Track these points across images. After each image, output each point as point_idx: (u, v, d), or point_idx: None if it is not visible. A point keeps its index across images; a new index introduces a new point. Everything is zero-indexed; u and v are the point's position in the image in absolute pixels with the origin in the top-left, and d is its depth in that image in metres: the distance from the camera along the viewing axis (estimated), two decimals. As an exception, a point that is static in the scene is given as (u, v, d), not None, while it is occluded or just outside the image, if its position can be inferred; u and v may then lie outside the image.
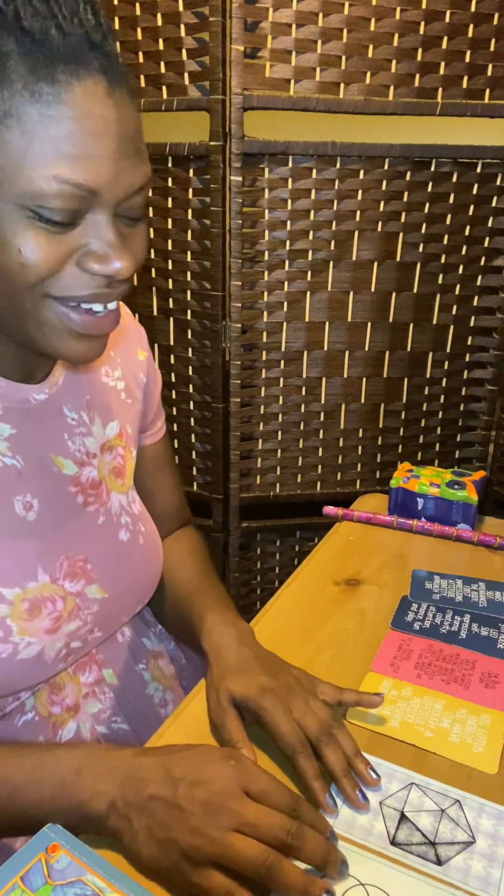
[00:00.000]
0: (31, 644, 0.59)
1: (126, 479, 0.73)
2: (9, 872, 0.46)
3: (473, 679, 0.71)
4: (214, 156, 1.21)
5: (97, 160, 0.48)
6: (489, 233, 1.34)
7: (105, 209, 0.50)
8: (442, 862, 0.52)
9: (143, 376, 0.77)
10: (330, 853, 0.49)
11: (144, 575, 0.72)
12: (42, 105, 0.46)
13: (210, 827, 0.47)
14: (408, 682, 0.70)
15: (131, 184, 0.51)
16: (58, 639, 0.61)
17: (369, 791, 0.57)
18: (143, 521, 0.74)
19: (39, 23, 0.45)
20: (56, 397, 0.66)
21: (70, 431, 0.67)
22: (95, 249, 0.51)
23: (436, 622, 0.80)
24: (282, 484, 1.47)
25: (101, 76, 0.47)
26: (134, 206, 0.53)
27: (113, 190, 0.50)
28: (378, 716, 0.65)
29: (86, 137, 0.47)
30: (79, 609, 0.63)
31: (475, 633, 0.78)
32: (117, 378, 0.74)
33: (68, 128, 0.46)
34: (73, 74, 0.46)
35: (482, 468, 1.51)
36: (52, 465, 0.64)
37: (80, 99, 0.46)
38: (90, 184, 0.48)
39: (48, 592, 0.61)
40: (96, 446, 0.69)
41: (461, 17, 1.18)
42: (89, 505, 0.67)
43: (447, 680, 0.71)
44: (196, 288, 1.33)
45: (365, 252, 1.32)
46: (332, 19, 1.16)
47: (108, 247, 0.51)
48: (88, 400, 0.69)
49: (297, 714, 0.58)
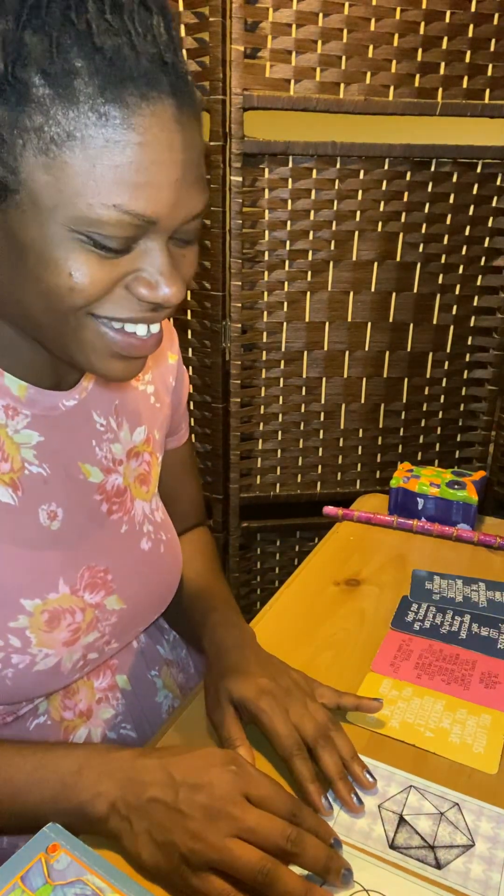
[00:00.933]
0: (48, 656, 0.58)
1: (151, 486, 0.72)
2: (9, 872, 0.46)
3: (473, 679, 0.71)
4: (214, 156, 1.21)
5: (159, 189, 0.45)
6: (489, 233, 1.34)
7: (160, 235, 0.48)
8: (441, 866, 0.52)
9: (172, 380, 0.76)
10: (331, 860, 0.48)
11: (163, 585, 0.71)
12: (108, 129, 0.43)
13: (210, 832, 0.47)
14: (408, 683, 0.70)
15: (189, 212, 0.48)
16: (75, 651, 0.60)
17: (368, 794, 0.57)
18: (164, 529, 0.73)
19: (112, 40, 0.42)
20: (85, 403, 0.64)
21: (98, 438, 0.65)
22: (147, 276, 0.49)
23: (436, 622, 0.80)
24: (282, 484, 1.47)
25: (170, 99, 0.45)
26: (189, 230, 0.50)
27: (171, 219, 0.47)
28: (378, 716, 0.65)
29: (151, 166, 0.44)
30: (97, 621, 0.62)
31: (475, 633, 0.78)
32: (147, 382, 0.73)
33: (134, 155, 0.44)
34: (143, 97, 0.43)
35: (482, 468, 1.51)
36: (79, 473, 0.63)
37: (148, 124, 0.44)
38: (150, 214, 0.46)
39: (68, 604, 0.60)
40: (122, 452, 0.68)
41: (461, 17, 1.18)
42: (113, 514, 0.66)
43: (447, 680, 0.71)
44: (196, 288, 1.33)
45: (365, 252, 1.32)
46: (332, 19, 1.16)
47: (159, 274, 0.49)
48: (118, 405, 0.68)
49: (294, 716, 0.58)
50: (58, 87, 0.42)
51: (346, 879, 0.49)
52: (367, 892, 0.50)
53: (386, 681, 0.70)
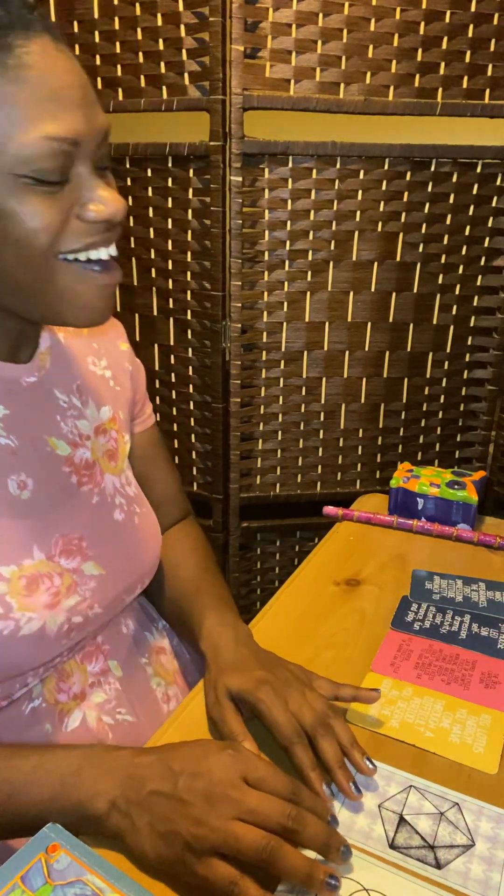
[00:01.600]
0: (31, 619, 0.59)
1: (119, 461, 0.75)
2: (9, 872, 0.46)
3: (473, 679, 0.71)
4: (214, 156, 1.21)
5: (71, 111, 0.51)
6: (489, 233, 1.34)
7: (86, 160, 0.54)
8: (441, 866, 0.52)
9: (127, 365, 0.81)
10: (331, 837, 0.49)
11: (141, 554, 0.73)
12: (10, 72, 0.48)
13: (211, 816, 0.48)
14: (408, 683, 0.70)
15: (100, 129, 0.54)
16: (58, 613, 0.61)
17: (368, 794, 0.57)
18: (138, 503, 0.75)
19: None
20: (45, 381, 0.68)
21: (62, 413, 0.69)
22: (89, 198, 0.54)
23: (436, 622, 0.80)
24: (282, 484, 1.47)
25: (46, 34, 0.50)
26: (104, 155, 0.56)
27: (90, 138, 0.53)
28: (378, 716, 0.65)
29: (57, 91, 0.50)
30: (76, 585, 0.64)
31: (475, 633, 0.78)
32: (104, 367, 0.77)
33: (40, 87, 0.49)
34: (24, 38, 0.49)
35: (482, 468, 1.51)
36: (46, 446, 0.66)
37: (38, 59, 0.49)
38: (73, 135, 0.51)
39: (45, 569, 0.62)
40: (90, 429, 0.71)
41: (461, 17, 1.18)
42: (83, 485, 0.69)
43: (447, 680, 0.71)
44: (196, 288, 1.33)
45: (365, 252, 1.32)
46: (332, 19, 1.16)
47: (98, 194, 0.54)
48: (79, 385, 0.72)
49: (293, 706, 0.59)
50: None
51: (346, 856, 0.49)
52: (367, 891, 0.50)
53: (386, 681, 0.71)
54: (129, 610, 0.76)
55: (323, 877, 0.46)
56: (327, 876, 0.46)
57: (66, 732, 0.64)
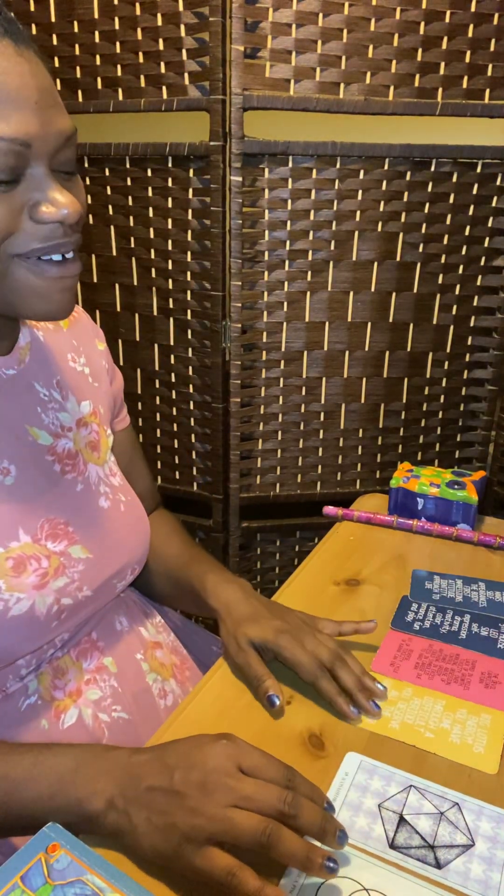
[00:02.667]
0: (20, 600, 0.60)
1: (101, 452, 0.76)
2: (9, 872, 0.46)
3: (473, 679, 0.71)
4: (214, 156, 1.21)
5: (23, 113, 0.51)
6: (489, 233, 1.34)
7: (40, 162, 0.54)
8: (441, 865, 0.52)
9: (104, 363, 0.82)
10: (327, 822, 0.49)
11: (129, 539, 0.74)
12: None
13: (208, 805, 0.48)
14: (408, 683, 0.70)
15: (59, 132, 0.54)
16: (47, 594, 0.62)
17: (368, 794, 0.57)
18: (123, 491, 0.77)
19: None
20: (25, 374, 0.69)
21: (43, 406, 0.70)
22: (41, 199, 0.54)
23: (436, 622, 0.80)
24: (282, 484, 1.47)
25: (7, 38, 0.51)
26: (66, 159, 0.56)
27: (43, 140, 0.53)
28: (378, 717, 0.65)
29: (9, 93, 0.50)
30: (64, 567, 0.65)
31: (475, 633, 0.78)
32: (83, 364, 0.78)
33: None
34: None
35: (482, 468, 1.51)
36: (27, 435, 0.67)
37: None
38: (22, 136, 0.51)
39: (31, 552, 0.62)
40: (72, 421, 0.73)
41: (461, 17, 1.18)
42: (66, 473, 0.70)
43: (447, 680, 0.71)
44: (196, 288, 1.33)
45: (365, 252, 1.32)
46: (332, 19, 1.16)
47: (50, 195, 0.54)
48: (59, 380, 0.73)
49: (309, 647, 0.67)
50: None
51: (342, 841, 0.49)
52: (367, 891, 0.50)
53: (385, 681, 0.70)
54: (123, 606, 0.77)
55: (321, 860, 0.46)
56: (325, 859, 0.47)
57: (62, 730, 0.65)
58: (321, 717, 0.66)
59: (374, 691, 0.66)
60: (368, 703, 0.65)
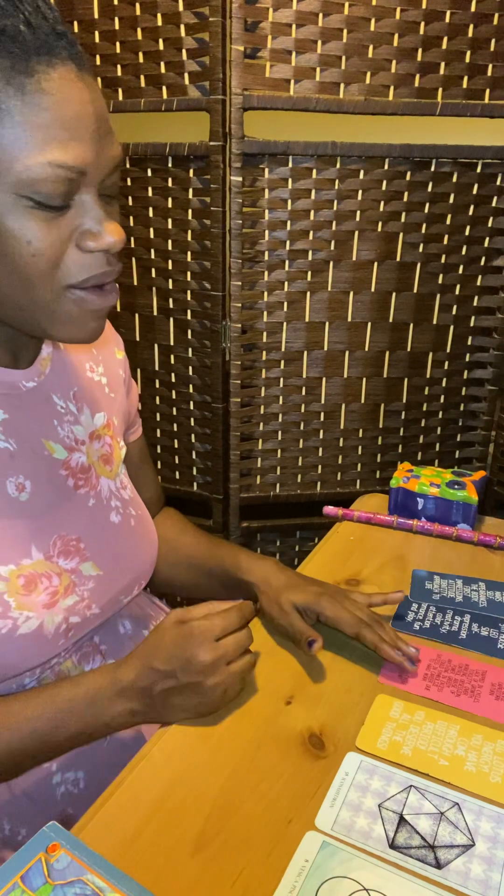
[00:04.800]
0: (29, 618, 0.60)
1: (114, 466, 0.76)
2: (9, 872, 0.46)
3: (483, 690, 0.69)
4: (214, 156, 1.21)
5: (81, 141, 0.51)
6: (489, 233, 1.34)
7: (91, 188, 0.54)
8: (441, 865, 0.52)
9: (122, 372, 0.82)
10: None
11: (138, 555, 0.74)
12: (27, 97, 0.49)
13: (215, 676, 0.62)
14: (419, 706, 0.67)
15: (111, 160, 0.54)
16: (56, 613, 0.62)
17: (368, 794, 0.57)
18: (133, 505, 0.77)
19: (10, 20, 0.48)
20: (44, 386, 0.69)
21: (59, 418, 0.70)
22: (89, 227, 0.54)
23: (436, 622, 0.80)
24: (282, 484, 1.47)
25: (70, 63, 0.51)
26: (112, 184, 0.56)
27: (97, 168, 0.53)
28: (390, 742, 0.63)
29: (70, 121, 0.50)
30: (75, 585, 0.65)
31: (475, 632, 0.78)
32: (101, 374, 0.78)
33: (54, 114, 0.49)
34: (47, 64, 0.49)
35: (482, 468, 1.51)
36: (44, 450, 0.67)
37: (58, 86, 0.50)
38: (79, 164, 0.51)
39: (43, 569, 0.62)
40: (85, 434, 0.72)
41: (461, 17, 1.18)
42: (79, 488, 0.70)
43: (457, 692, 0.69)
44: (196, 288, 1.33)
45: (365, 252, 1.32)
46: (332, 19, 1.16)
47: (98, 223, 0.54)
48: (76, 392, 0.73)
49: (349, 607, 0.74)
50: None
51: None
52: (367, 891, 0.50)
53: (397, 703, 0.68)
54: (126, 610, 0.77)
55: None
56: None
57: None
58: (321, 717, 0.66)
59: (408, 653, 0.71)
60: (408, 648, 0.71)
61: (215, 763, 0.60)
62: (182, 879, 0.50)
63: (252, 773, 0.59)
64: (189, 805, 0.56)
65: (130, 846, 0.53)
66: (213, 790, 0.58)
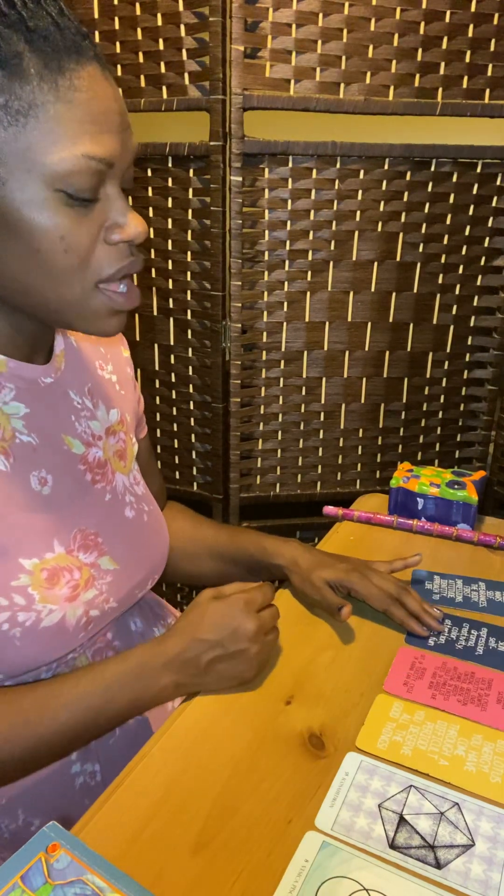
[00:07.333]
0: (52, 612, 0.61)
1: (127, 461, 0.77)
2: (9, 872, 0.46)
3: (490, 699, 0.68)
4: (214, 156, 1.21)
5: (110, 134, 0.54)
6: (489, 233, 1.34)
7: (115, 181, 0.56)
8: (441, 865, 0.52)
9: (129, 370, 0.84)
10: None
11: (151, 550, 0.76)
12: (60, 93, 0.51)
13: (256, 645, 0.67)
14: (420, 706, 0.67)
15: (131, 153, 0.57)
16: (77, 606, 0.63)
17: (368, 794, 0.57)
18: (146, 501, 0.78)
19: (41, 22, 0.51)
20: (61, 381, 0.70)
21: (76, 414, 0.71)
22: (115, 220, 0.56)
23: (451, 637, 0.78)
24: (282, 484, 1.47)
25: (95, 61, 0.54)
26: (129, 177, 0.59)
27: (122, 160, 0.55)
28: (390, 742, 0.63)
29: (99, 115, 0.53)
30: (94, 579, 0.66)
31: (493, 648, 0.76)
32: (110, 372, 0.80)
33: (85, 109, 0.52)
34: (77, 63, 0.52)
35: (482, 468, 1.51)
36: (63, 444, 0.68)
37: (87, 84, 0.52)
38: (108, 156, 0.54)
39: (64, 563, 0.63)
40: (101, 429, 0.74)
41: (461, 17, 1.18)
42: (97, 483, 0.71)
43: (463, 701, 0.68)
44: (196, 288, 1.33)
45: (365, 252, 1.32)
46: (332, 19, 1.16)
47: (123, 215, 0.57)
48: (90, 388, 0.74)
49: (376, 582, 0.79)
50: (9, 69, 0.50)
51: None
52: (367, 891, 0.50)
53: (397, 703, 0.67)
54: (137, 607, 0.78)
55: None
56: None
57: None
58: (321, 717, 0.66)
59: (434, 615, 0.79)
60: (435, 621, 0.78)
61: (215, 763, 0.60)
62: (182, 879, 0.50)
63: (252, 773, 0.59)
64: (189, 805, 0.56)
65: (130, 846, 0.53)
66: (213, 790, 0.58)
